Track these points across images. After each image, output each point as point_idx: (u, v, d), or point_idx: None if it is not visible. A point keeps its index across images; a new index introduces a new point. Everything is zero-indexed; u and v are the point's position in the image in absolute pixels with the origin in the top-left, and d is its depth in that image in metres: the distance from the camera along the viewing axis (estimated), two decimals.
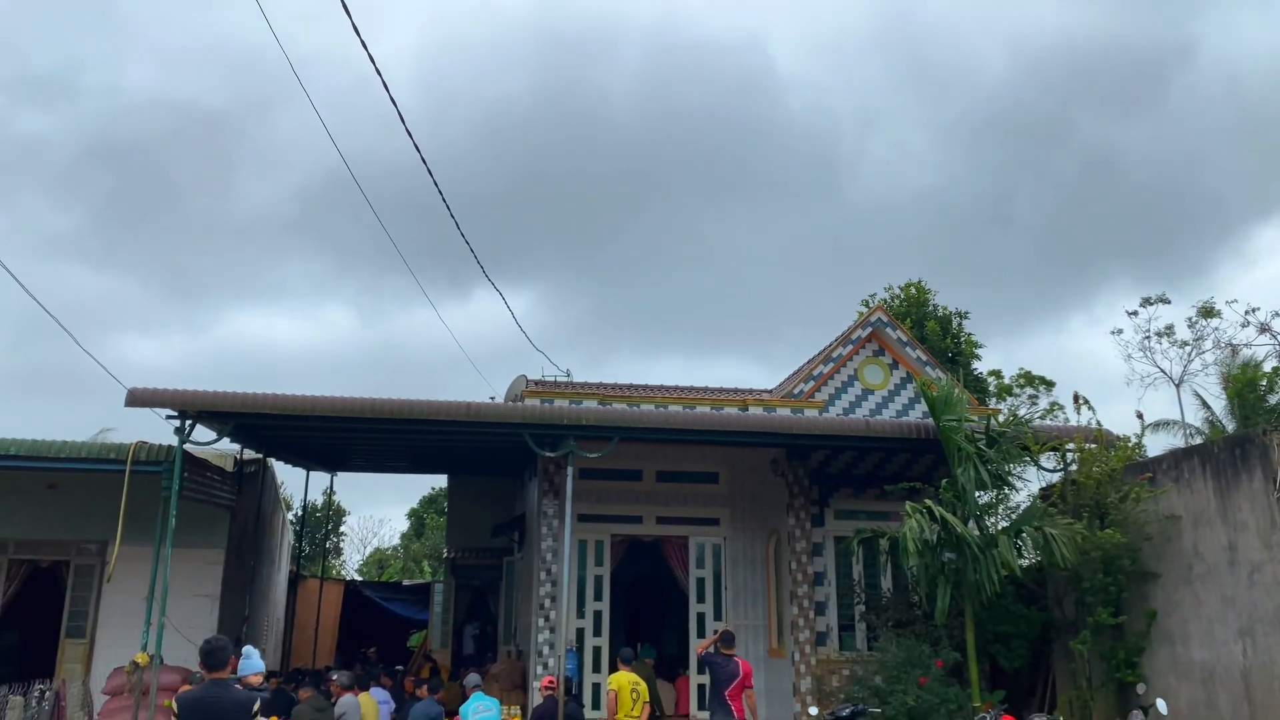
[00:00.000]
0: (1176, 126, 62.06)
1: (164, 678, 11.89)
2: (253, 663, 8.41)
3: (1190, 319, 30.19)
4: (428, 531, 41.37)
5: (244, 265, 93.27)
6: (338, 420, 12.61)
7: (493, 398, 19.58)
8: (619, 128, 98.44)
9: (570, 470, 12.95)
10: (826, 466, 15.32)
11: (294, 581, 22.28)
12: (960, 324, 30.51)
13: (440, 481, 34.71)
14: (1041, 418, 23.73)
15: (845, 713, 11.07)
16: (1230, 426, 23.36)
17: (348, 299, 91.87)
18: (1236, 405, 23.21)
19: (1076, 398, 13.54)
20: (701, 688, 14.00)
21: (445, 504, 27.75)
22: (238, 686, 6.76)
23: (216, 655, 6.38)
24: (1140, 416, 15.63)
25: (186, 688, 11.72)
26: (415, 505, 44.03)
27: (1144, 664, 11.92)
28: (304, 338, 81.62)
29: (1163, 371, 31.96)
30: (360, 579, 34.77)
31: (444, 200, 12.71)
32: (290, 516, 25.33)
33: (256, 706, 6.44)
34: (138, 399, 11.91)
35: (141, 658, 11.53)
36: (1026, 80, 78.11)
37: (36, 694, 10.05)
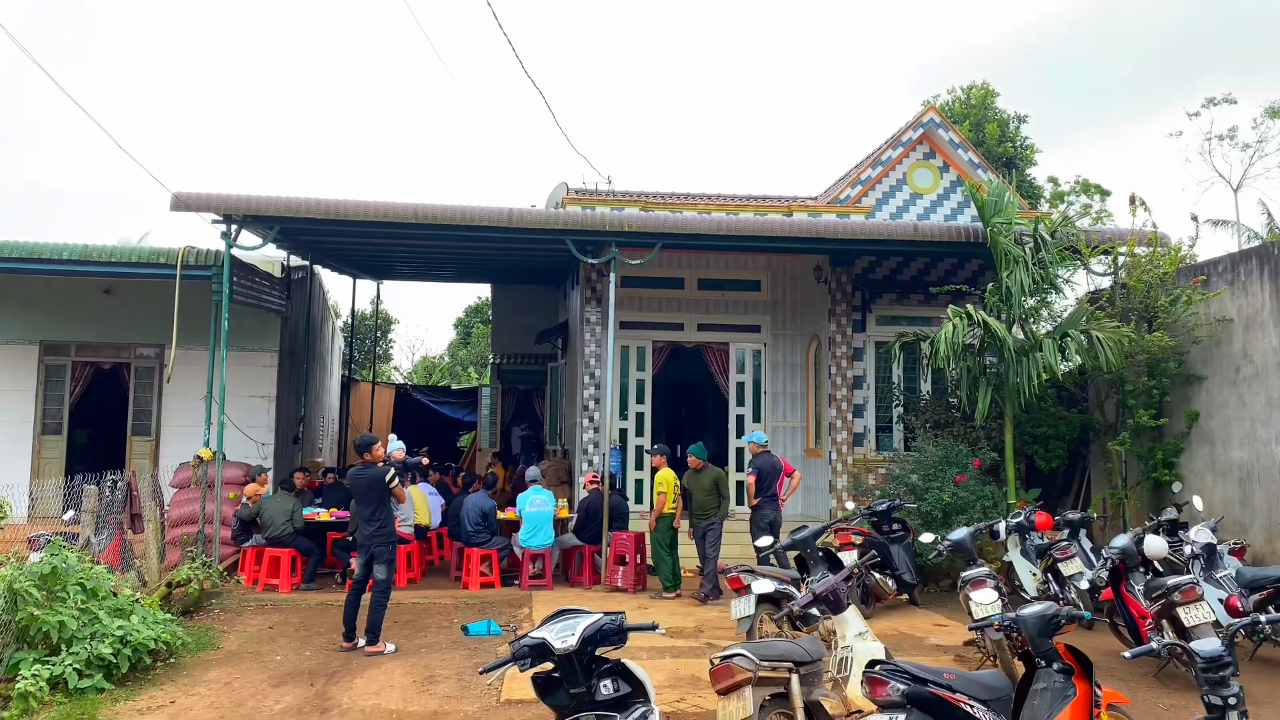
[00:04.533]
0: None
1: (227, 472, 12.51)
2: (395, 444, 12.49)
3: (1255, 120, 28.75)
4: (473, 340, 42.07)
5: None
6: (381, 225, 12.53)
7: (534, 205, 19.42)
8: None
9: (613, 277, 12.93)
10: (870, 272, 15.17)
11: (346, 385, 22.99)
12: (1019, 127, 29.39)
13: (484, 291, 35.02)
14: (1092, 224, 23.12)
15: (882, 507, 11.36)
16: None
17: None
18: None
19: (1133, 199, 13.10)
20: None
21: (490, 313, 28.11)
22: (380, 465, 9.16)
23: (362, 445, 9.18)
24: (1195, 219, 15.15)
25: (257, 486, 12.48)
26: (461, 315, 44.63)
27: (1181, 464, 12.06)
28: None
29: (1221, 175, 30.82)
30: (411, 383, 35.72)
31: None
32: (339, 324, 25.86)
33: (390, 473, 9.00)
34: (182, 203, 11.92)
35: (205, 453, 12.08)
36: None
37: (109, 484, 10.61)
